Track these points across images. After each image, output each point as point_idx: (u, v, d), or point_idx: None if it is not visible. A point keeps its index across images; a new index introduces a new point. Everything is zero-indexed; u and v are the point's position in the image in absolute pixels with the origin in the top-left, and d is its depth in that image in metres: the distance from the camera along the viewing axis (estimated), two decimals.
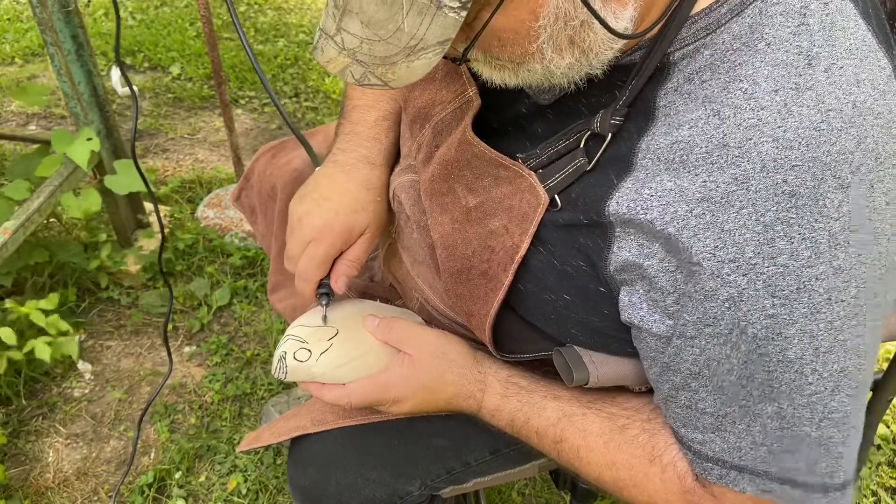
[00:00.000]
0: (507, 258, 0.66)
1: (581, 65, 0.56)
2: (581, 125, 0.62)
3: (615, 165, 0.59)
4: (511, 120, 0.72)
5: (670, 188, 0.54)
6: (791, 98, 0.51)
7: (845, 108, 0.51)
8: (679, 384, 0.59)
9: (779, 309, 0.51)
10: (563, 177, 0.63)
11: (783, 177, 0.50)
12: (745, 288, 0.52)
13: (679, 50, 0.56)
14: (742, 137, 0.52)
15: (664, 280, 0.56)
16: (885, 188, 0.52)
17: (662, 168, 0.55)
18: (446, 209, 0.73)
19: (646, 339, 0.60)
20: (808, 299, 0.51)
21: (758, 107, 0.52)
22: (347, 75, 0.56)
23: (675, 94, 0.56)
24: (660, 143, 0.56)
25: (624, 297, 0.60)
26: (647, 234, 0.56)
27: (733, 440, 0.59)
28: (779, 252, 0.50)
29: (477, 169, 0.70)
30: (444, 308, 0.84)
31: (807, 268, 0.50)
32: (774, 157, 0.50)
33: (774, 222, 0.50)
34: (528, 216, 0.64)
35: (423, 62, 0.52)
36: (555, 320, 0.68)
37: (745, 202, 0.51)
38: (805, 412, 0.55)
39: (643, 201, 0.55)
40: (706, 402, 0.59)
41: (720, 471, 0.60)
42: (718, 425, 0.59)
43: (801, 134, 0.50)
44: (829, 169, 0.50)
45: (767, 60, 0.52)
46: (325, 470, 0.84)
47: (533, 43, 0.54)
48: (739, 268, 0.51)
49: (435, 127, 0.77)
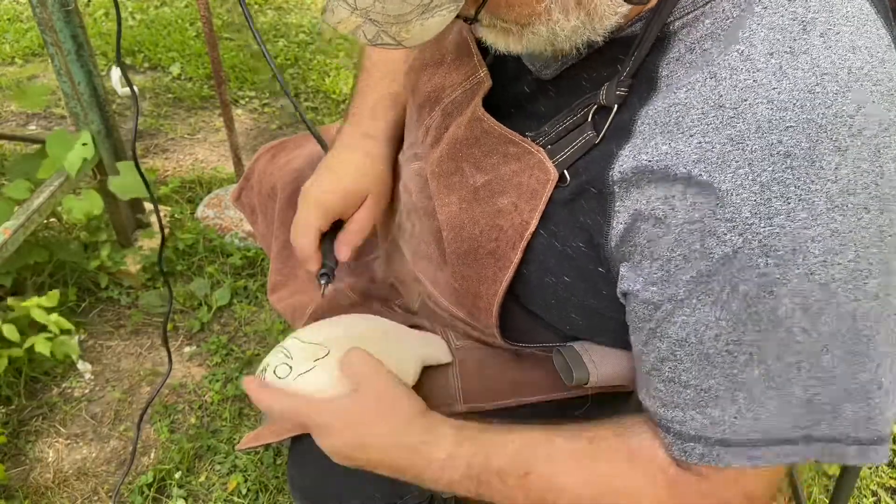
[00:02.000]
0: (517, 236, 0.66)
1: (585, 28, 0.57)
2: (588, 99, 0.63)
3: (617, 135, 0.59)
4: (515, 100, 0.72)
5: (665, 151, 0.54)
6: (786, 61, 0.51)
7: (840, 73, 0.51)
8: (664, 353, 0.59)
9: (772, 268, 0.51)
10: (572, 151, 0.63)
11: (778, 137, 0.50)
12: (741, 247, 0.51)
13: (679, 19, 0.57)
14: (737, 98, 0.52)
15: (655, 244, 0.56)
16: (895, 155, 0.51)
17: (658, 131, 0.55)
18: (453, 189, 0.72)
19: (635, 308, 0.60)
20: (803, 260, 0.51)
21: (753, 68, 0.52)
22: (360, 35, 0.55)
23: (676, 64, 0.57)
24: (657, 108, 0.56)
25: (622, 270, 0.60)
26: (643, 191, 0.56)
27: (716, 414, 0.58)
28: (775, 212, 0.50)
29: (485, 146, 0.70)
30: (445, 303, 0.84)
31: (803, 229, 0.50)
32: (769, 118, 0.50)
33: (771, 182, 0.50)
34: (537, 192, 0.64)
35: (438, 20, 0.52)
36: (555, 305, 0.68)
37: (742, 162, 0.51)
38: (792, 371, 0.54)
39: (641, 166, 0.56)
40: (690, 374, 0.58)
41: (702, 449, 0.59)
42: (700, 400, 0.58)
43: (795, 96, 0.50)
44: (825, 131, 0.50)
45: (764, 23, 0.53)
46: (326, 469, 0.84)
47: (541, 3, 0.54)
48: (735, 227, 0.51)
49: (445, 109, 0.77)
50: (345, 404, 0.70)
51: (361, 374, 0.72)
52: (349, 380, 0.73)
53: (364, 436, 0.69)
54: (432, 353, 0.85)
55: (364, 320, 0.86)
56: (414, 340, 0.86)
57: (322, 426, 0.70)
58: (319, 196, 0.84)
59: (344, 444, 0.70)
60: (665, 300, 0.57)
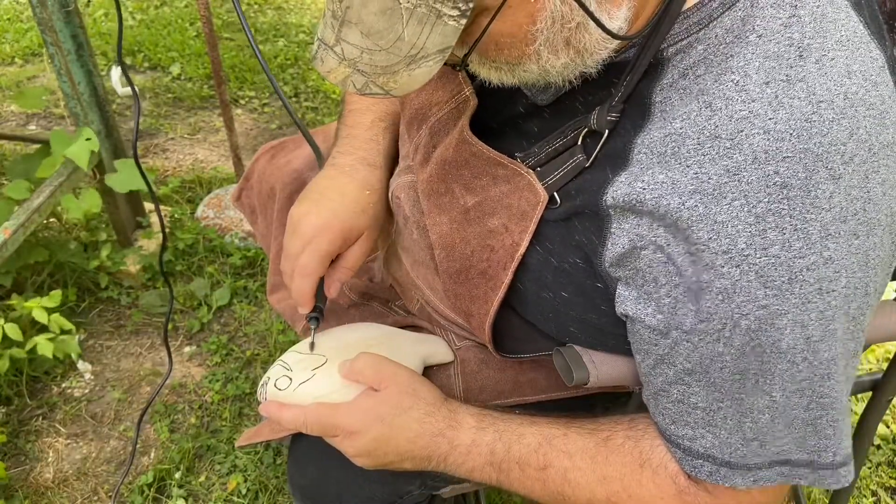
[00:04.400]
0: (507, 257, 0.66)
1: (576, 64, 0.57)
2: (578, 122, 0.63)
3: (612, 161, 0.59)
4: (508, 120, 0.72)
5: (662, 180, 0.54)
6: (782, 90, 0.51)
7: (836, 100, 0.51)
8: (672, 378, 0.59)
9: (771, 300, 0.52)
10: (562, 174, 0.63)
11: (774, 168, 0.50)
12: (738, 279, 0.52)
13: (672, 46, 0.56)
14: (733, 129, 0.52)
15: (658, 270, 0.56)
16: (881, 178, 0.52)
17: (655, 161, 0.55)
18: (444, 209, 0.72)
19: (640, 332, 0.60)
20: (800, 289, 0.51)
21: (749, 99, 0.52)
22: (349, 85, 0.56)
23: (670, 90, 0.56)
24: (654, 137, 0.56)
25: (621, 290, 0.60)
26: (641, 220, 0.56)
27: (724, 436, 0.59)
28: (770, 243, 0.51)
29: (475, 168, 0.70)
30: (443, 309, 0.84)
31: (798, 258, 0.50)
32: (766, 149, 0.51)
33: (766, 213, 0.50)
34: (527, 214, 0.65)
35: (424, 70, 0.53)
36: (553, 318, 0.68)
37: (737, 194, 0.51)
38: (795, 398, 0.56)
39: (636, 194, 0.56)
40: (699, 397, 0.59)
41: (710, 467, 0.60)
42: (710, 420, 0.59)
43: (792, 126, 0.50)
44: (821, 160, 0.50)
45: (759, 52, 0.53)
46: (325, 469, 0.84)
47: (530, 46, 0.54)
48: (732, 259, 0.51)
49: (432, 128, 0.77)
50: (369, 403, 0.71)
51: (376, 375, 0.72)
52: (359, 385, 0.73)
53: (392, 427, 0.69)
54: (433, 352, 0.85)
55: (358, 329, 0.86)
56: (413, 340, 0.86)
57: (350, 428, 0.70)
58: (316, 233, 0.78)
59: (373, 440, 0.69)
60: (672, 328, 0.57)
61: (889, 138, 0.52)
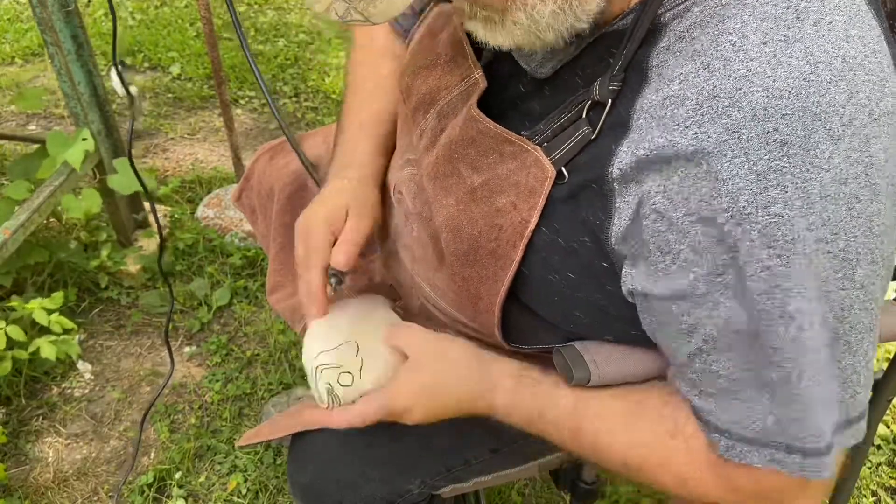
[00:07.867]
0: (517, 234, 0.66)
1: (566, 14, 0.57)
2: (581, 96, 0.63)
3: (615, 131, 0.59)
4: (511, 101, 0.72)
5: (662, 143, 0.54)
6: (780, 49, 0.51)
7: (834, 62, 0.51)
8: (693, 348, 0.59)
9: (775, 260, 0.51)
10: (569, 148, 0.63)
11: (774, 125, 0.50)
12: (740, 238, 0.51)
13: (670, 10, 0.57)
14: (732, 88, 0.51)
15: (660, 239, 0.56)
16: (884, 145, 0.52)
17: (654, 125, 0.55)
18: (450, 191, 0.72)
19: (653, 306, 0.60)
20: (803, 249, 0.51)
21: (747, 58, 0.52)
22: (332, 13, 0.57)
23: (666, 53, 0.56)
24: (652, 101, 0.56)
25: (627, 269, 0.60)
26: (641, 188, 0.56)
27: (744, 409, 0.58)
28: (772, 201, 0.50)
29: (482, 146, 0.70)
30: (445, 306, 0.84)
31: (800, 217, 0.50)
32: (765, 106, 0.50)
33: (767, 171, 0.50)
34: (535, 190, 0.64)
35: None
36: (559, 303, 0.68)
37: (738, 151, 0.51)
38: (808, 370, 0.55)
39: (637, 161, 0.56)
40: (719, 365, 0.58)
41: (727, 442, 0.60)
42: (730, 390, 0.58)
43: (790, 84, 0.50)
44: (819, 119, 0.50)
45: (756, 14, 0.53)
46: (325, 468, 0.84)
47: None
48: (733, 217, 0.51)
49: (440, 111, 0.77)
50: (413, 379, 0.74)
51: (406, 342, 0.76)
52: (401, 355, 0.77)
53: (438, 397, 0.74)
54: None
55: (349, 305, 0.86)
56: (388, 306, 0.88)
57: (404, 408, 0.73)
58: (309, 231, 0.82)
59: (428, 412, 0.74)
60: (686, 296, 0.57)
61: (890, 107, 0.52)
